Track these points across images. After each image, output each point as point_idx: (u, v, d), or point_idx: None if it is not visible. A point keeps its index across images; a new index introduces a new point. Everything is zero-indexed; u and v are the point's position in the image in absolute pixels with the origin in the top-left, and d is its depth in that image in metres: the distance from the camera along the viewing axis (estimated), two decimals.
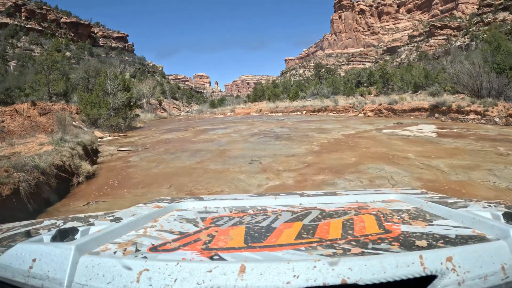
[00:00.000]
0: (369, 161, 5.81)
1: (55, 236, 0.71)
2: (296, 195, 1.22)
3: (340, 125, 12.81)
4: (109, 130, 16.81)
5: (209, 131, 13.03)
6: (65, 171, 5.55)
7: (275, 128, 12.90)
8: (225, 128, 14.03)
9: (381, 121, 14.24)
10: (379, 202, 1.09)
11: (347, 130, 10.91)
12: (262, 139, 9.49)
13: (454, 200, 1.07)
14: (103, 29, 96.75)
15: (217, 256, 0.62)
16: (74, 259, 0.59)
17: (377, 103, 19.00)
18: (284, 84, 50.33)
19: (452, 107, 15.73)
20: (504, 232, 0.62)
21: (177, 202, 1.17)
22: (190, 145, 9.13)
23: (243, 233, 0.77)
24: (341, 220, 0.85)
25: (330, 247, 0.65)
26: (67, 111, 18.10)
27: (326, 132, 10.35)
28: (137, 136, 13.69)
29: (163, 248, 0.69)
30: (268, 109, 27.68)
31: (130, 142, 11.50)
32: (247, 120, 19.88)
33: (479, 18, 71.53)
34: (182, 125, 19.48)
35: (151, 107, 56.13)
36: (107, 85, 17.76)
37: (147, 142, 10.84)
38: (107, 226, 0.81)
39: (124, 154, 8.73)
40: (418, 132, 10.43)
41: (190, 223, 0.89)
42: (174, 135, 12.70)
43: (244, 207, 1.07)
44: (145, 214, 0.96)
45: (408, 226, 0.77)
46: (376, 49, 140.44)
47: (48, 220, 1.05)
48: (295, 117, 19.91)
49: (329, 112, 21.40)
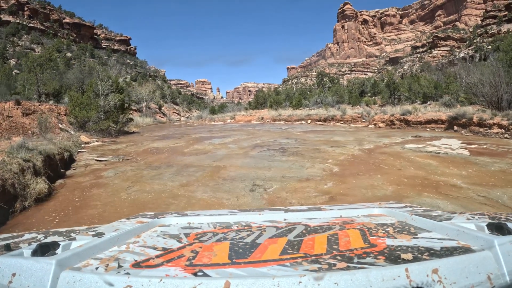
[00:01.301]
0: (411, 191, 4.36)
1: (36, 250, 0.69)
2: (281, 211, 1.18)
3: (353, 137, 11.39)
4: (98, 135, 15.43)
5: (204, 140, 11.61)
6: (4, 193, 4.12)
7: (279, 139, 11.47)
8: (223, 137, 12.60)
9: (397, 134, 12.82)
10: (364, 216, 1.08)
11: (363, 143, 9.48)
12: (266, 153, 8.02)
13: (438, 213, 1.05)
14: (106, 31, 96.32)
15: (201, 272, 0.61)
16: (55, 274, 0.57)
17: (389, 113, 17.63)
18: (286, 91, 49.24)
19: (473, 120, 14.36)
20: (489, 243, 0.62)
21: (160, 217, 1.14)
22: (179, 158, 7.66)
23: (227, 249, 0.76)
24: (326, 235, 0.84)
25: (316, 262, 0.64)
26: (54, 112, 16.70)
27: (340, 146, 8.90)
28: (125, 143, 12.30)
29: (146, 264, 0.67)
30: (270, 117, 26.34)
31: (115, 150, 10.09)
32: (248, 128, 18.46)
33: (483, 29, 71.21)
34: (178, 131, 18.09)
35: (150, 112, 54.89)
36: (98, 85, 16.43)
37: (133, 151, 9.42)
38: (89, 241, 0.78)
39: (100, 165, 7.29)
40: (446, 148, 9.01)
41: (174, 239, 0.87)
42: (166, 143, 11.29)
43: (228, 223, 1.04)
44: (128, 229, 0.94)
45: (393, 240, 0.77)
46: (379, 59, 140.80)
47: (28, 233, 0.99)
48: (300, 127, 18.47)
49: (336, 122, 19.98)
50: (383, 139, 10.59)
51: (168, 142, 11.63)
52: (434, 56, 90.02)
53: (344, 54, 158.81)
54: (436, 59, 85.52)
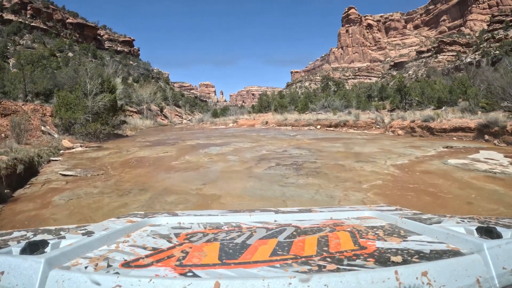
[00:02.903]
0: None
1: (25, 249, 0.68)
2: (271, 212, 1.16)
3: (376, 147, 9.66)
4: (84, 139, 13.80)
5: (200, 149, 9.92)
6: None
7: (289, 148, 9.76)
8: (222, 146, 10.89)
9: (424, 144, 11.07)
10: (354, 219, 1.07)
11: (394, 157, 7.74)
12: (275, 171, 6.25)
13: (428, 216, 1.04)
14: (109, 32, 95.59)
15: (191, 272, 0.61)
16: (44, 273, 0.57)
17: (409, 119, 15.88)
18: (291, 95, 47.57)
19: (506, 128, 12.58)
20: (478, 246, 0.62)
21: (150, 217, 1.12)
22: (160, 176, 5.96)
23: (217, 249, 0.75)
24: (316, 237, 0.84)
25: (305, 263, 0.64)
26: (39, 113, 15.09)
27: (367, 161, 7.17)
28: (111, 149, 10.67)
29: (136, 264, 0.66)
30: (276, 122, 24.64)
31: (94, 159, 8.45)
32: (252, 134, 16.72)
33: (489, 34, 69.61)
34: (174, 136, 16.44)
35: (152, 114, 53.40)
36: (87, 84, 14.83)
37: (113, 161, 7.77)
38: (79, 240, 0.77)
39: (62, 182, 5.63)
40: (496, 164, 7.24)
41: (164, 239, 0.86)
42: (155, 151, 9.64)
43: (218, 224, 1.03)
44: (117, 228, 0.92)
45: (383, 242, 0.76)
46: (383, 64, 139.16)
47: (17, 231, 0.97)
48: (309, 133, 16.70)
49: (348, 128, 18.19)
50: (414, 151, 8.85)
51: (158, 150, 9.98)
52: (440, 61, 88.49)
53: (348, 58, 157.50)
54: (442, 64, 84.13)
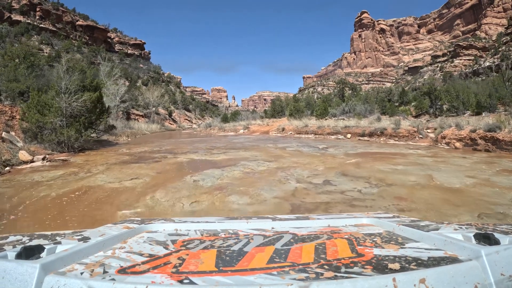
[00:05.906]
0: None
1: (20, 253, 0.67)
2: (268, 219, 1.15)
3: (463, 175, 6.30)
4: (55, 148, 10.74)
5: (189, 174, 6.60)
6: None
7: (331, 175, 6.42)
8: (225, 168, 7.39)
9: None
10: (352, 226, 1.06)
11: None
12: None
13: (425, 223, 1.04)
14: (120, 35, 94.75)
15: (188, 280, 0.60)
16: (39, 278, 0.56)
17: (467, 128, 12.29)
18: (306, 99, 44.16)
19: None
20: (476, 253, 0.62)
21: (147, 223, 1.10)
22: None
23: (214, 256, 0.75)
24: (314, 244, 0.83)
25: (303, 271, 0.64)
26: (5, 116, 12.17)
27: (480, 210, 3.81)
28: (71, 167, 7.72)
29: (132, 270, 0.66)
30: (293, 128, 21.31)
31: (36, 183, 5.60)
32: (267, 145, 13.41)
33: (508, 37, 65.74)
34: (168, 146, 13.29)
35: (159, 118, 50.97)
36: (62, 81, 11.81)
37: (39, 197, 4.77)
38: (75, 246, 0.77)
39: None
40: None
41: (160, 246, 0.85)
42: (122, 175, 6.60)
43: (215, 230, 1.02)
44: (114, 234, 0.91)
45: (380, 250, 0.76)
46: (396, 69, 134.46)
47: (13, 236, 0.95)
48: (342, 144, 13.23)
49: (387, 138, 14.64)
50: None
51: (129, 172, 6.85)
52: (456, 66, 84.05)
53: (361, 63, 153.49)
54: (458, 68, 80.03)
